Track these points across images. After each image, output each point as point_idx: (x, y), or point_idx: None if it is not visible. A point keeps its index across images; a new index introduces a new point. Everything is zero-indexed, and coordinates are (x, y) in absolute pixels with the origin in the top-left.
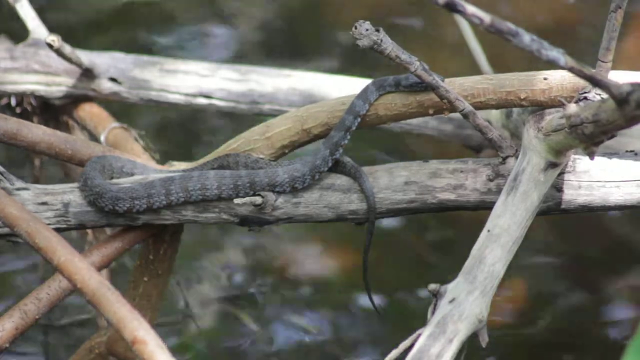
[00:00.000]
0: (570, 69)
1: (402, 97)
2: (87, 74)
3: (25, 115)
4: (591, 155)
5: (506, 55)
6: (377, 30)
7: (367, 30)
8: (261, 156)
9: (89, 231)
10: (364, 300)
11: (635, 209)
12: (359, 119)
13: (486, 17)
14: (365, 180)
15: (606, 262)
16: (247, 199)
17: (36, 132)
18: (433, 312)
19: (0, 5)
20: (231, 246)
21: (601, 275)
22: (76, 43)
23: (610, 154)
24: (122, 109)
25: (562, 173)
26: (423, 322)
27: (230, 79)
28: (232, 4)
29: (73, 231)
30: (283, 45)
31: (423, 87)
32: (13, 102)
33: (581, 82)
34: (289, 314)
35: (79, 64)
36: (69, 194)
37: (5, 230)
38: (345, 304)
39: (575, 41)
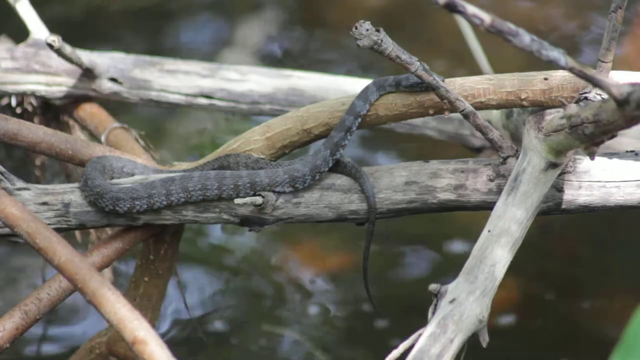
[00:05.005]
0: (571, 69)
1: (402, 97)
2: (88, 74)
3: (25, 115)
4: (591, 156)
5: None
6: (378, 31)
7: (367, 30)
8: (261, 156)
9: (92, 231)
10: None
11: (636, 209)
12: (360, 119)
13: (487, 18)
14: (365, 181)
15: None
16: (248, 199)
17: (37, 132)
18: (434, 312)
19: (0, 5)
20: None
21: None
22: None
23: (611, 154)
24: (122, 109)
25: (562, 173)
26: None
27: (231, 79)
28: None
29: (77, 234)
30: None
31: (423, 87)
32: (14, 102)
33: (581, 83)
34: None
35: (79, 64)
36: (69, 194)
37: (6, 230)
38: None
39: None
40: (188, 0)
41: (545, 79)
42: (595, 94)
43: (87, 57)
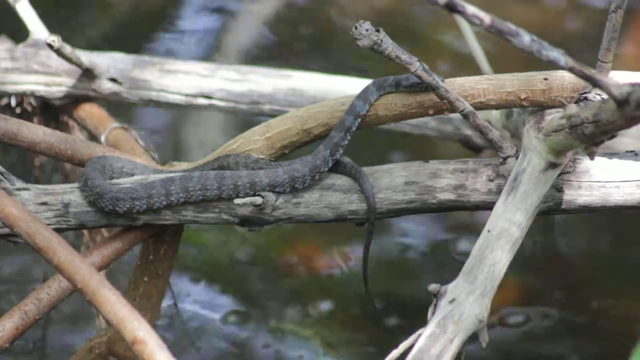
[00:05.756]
0: (571, 70)
1: (402, 97)
2: (87, 74)
3: (25, 115)
4: (591, 156)
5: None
6: (378, 31)
7: (367, 30)
8: (261, 156)
9: (85, 232)
10: None
11: (636, 209)
12: (359, 120)
13: (486, 18)
14: (365, 181)
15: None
16: (248, 199)
17: (36, 132)
18: (433, 312)
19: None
20: None
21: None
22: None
23: (611, 154)
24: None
25: (562, 173)
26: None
27: (230, 79)
28: None
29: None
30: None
31: (423, 87)
32: (13, 102)
33: (581, 83)
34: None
35: (79, 64)
36: (69, 194)
37: (6, 230)
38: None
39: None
40: None
41: (545, 79)
42: (595, 94)
43: (86, 57)
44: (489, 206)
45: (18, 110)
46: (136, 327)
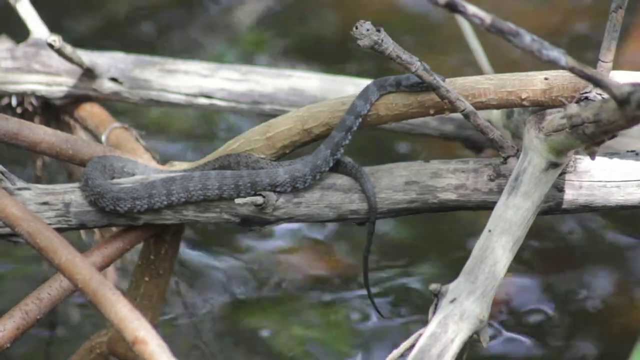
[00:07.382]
0: (571, 69)
1: (403, 97)
2: (88, 74)
3: (26, 115)
4: (592, 156)
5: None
6: (378, 30)
7: (368, 30)
8: (262, 156)
9: (97, 231)
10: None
11: (636, 209)
12: (360, 119)
13: (487, 18)
14: (366, 180)
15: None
16: (248, 199)
17: (37, 132)
18: (434, 312)
19: (0, 5)
20: None
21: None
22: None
23: (611, 154)
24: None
25: (563, 173)
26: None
27: (231, 79)
28: None
29: (81, 232)
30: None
31: (424, 87)
32: (14, 102)
33: (582, 82)
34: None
35: (79, 64)
36: (70, 194)
37: (7, 230)
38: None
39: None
40: None
41: (546, 78)
42: (596, 94)
43: (87, 57)
44: (490, 206)
45: (19, 110)
46: (137, 327)
